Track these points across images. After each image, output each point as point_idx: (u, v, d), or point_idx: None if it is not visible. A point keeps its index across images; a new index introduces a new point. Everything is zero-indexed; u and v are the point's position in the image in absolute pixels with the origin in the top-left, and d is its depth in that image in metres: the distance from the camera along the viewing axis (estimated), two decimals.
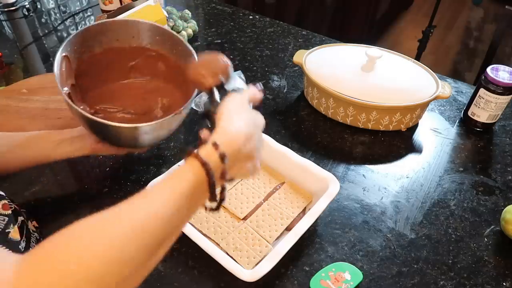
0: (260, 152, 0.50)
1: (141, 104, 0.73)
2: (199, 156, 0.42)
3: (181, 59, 0.71)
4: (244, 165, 0.47)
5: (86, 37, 0.68)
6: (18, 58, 1.12)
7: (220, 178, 0.43)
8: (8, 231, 0.57)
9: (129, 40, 0.72)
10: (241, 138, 0.45)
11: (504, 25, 1.86)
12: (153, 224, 0.38)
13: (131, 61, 0.74)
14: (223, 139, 0.44)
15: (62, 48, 0.63)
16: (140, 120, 0.70)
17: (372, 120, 0.88)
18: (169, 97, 0.74)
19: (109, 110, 0.72)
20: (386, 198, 0.77)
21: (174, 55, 0.73)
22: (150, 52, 0.74)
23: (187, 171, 0.42)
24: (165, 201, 0.39)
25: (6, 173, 0.70)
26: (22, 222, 0.62)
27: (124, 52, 0.73)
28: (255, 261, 0.63)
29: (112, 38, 0.71)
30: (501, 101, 0.86)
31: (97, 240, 0.35)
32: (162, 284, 0.63)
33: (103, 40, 0.70)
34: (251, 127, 0.47)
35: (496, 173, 0.82)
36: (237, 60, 1.11)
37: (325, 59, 0.95)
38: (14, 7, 1.29)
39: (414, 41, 2.25)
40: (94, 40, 0.69)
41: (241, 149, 0.45)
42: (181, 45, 0.71)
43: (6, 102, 0.91)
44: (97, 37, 0.70)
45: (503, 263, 0.67)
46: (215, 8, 1.35)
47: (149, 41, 0.73)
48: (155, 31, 0.72)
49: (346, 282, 0.62)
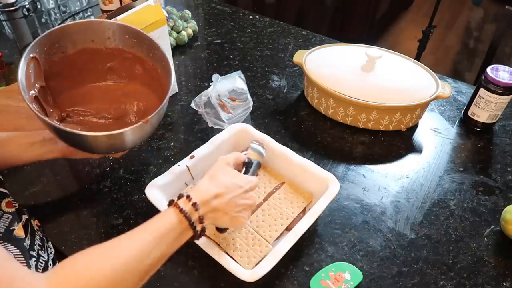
0: (241, 208, 0.59)
1: (116, 108, 0.71)
2: (177, 204, 0.54)
3: (157, 63, 0.69)
4: (220, 216, 0.57)
5: (57, 37, 0.65)
6: (18, 58, 1.12)
7: (198, 222, 0.54)
8: (13, 228, 0.57)
9: (105, 42, 0.69)
10: (210, 194, 0.56)
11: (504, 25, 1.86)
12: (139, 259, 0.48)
13: (107, 63, 0.72)
14: (195, 194, 0.55)
15: (29, 49, 0.60)
16: (114, 124, 0.68)
17: (372, 120, 0.88)
18: (145, 101, 0.71)
19: (82, 113, 0.69)
20: (386, 198, 0.77)
21: (151, 58, 0.70)
22: (127, 54, 0.71)
23: (169, 215, 0.53)
24: (150, 239, 0.49)
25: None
26: (26, 220, 0.62)
27: (100, 53, 0.70)
28: (255, 261, 0.63)
29: (86, 39, 0.68)
30: (501, 101, 0.86)
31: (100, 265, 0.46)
32: (162, 284, 0.63)
33: (77, 40, 0.68)
34: (222, 188, 0.57)
35: (496, 173, 0.82)
36: (237, 60, 1.11)
37: (325, 59, 0.95)
38: (14, 7, 1.29)
39: (414, 41, 2.25)
40: (66, 40, 0.67)
41: (210, 202, 0.55)
42: (157, 50, 0.69)
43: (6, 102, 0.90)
44: (69, 37, 0.67)
45: (503, 263, 0.67)
46: (215, 8, 1.35)
47: (125, 43, 0.70)
48: (130, 33, 0.69)
49: (346, 282, 0.62)
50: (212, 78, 0.90)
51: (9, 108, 0.90)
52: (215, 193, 0.56)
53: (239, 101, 0.89)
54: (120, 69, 0.73)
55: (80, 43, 0.68)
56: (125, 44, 0.70)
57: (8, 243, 0.56)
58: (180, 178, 0.71)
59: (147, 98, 0.72)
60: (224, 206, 0.57)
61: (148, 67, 0.71)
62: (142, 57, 0.71)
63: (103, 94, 0.73)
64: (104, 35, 0.69)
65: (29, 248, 0.59)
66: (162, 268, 0.64)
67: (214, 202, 0.56)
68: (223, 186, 0.57)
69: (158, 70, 0.70)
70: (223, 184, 0.58)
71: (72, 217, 0.73)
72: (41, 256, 0.61)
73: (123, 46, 0.70)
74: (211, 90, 0.88)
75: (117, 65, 0.72)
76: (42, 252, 0.62)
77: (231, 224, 0.59)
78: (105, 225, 0.71)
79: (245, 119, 0.90)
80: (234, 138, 0.79)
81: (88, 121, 0.69)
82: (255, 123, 0.92)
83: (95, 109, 0.70)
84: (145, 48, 0.70)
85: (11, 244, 0.56)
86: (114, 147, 0.64)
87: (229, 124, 0.82)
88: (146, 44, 0.70)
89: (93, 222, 0.72)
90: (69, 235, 0.69)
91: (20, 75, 0.59)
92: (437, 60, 2.56)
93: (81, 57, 0.69)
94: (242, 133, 0.79)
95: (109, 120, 0.70)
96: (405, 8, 3.03)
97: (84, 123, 0.69)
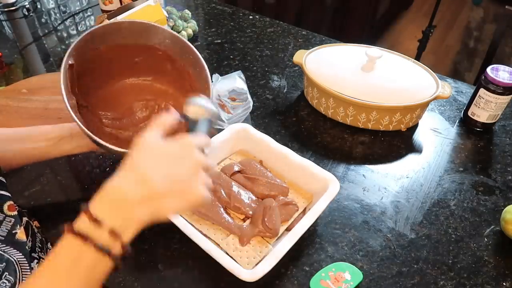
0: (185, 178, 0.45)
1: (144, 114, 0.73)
2: (70, 228, 0.41)
3: (189, 66, 0.70)
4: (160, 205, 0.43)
5: (93, 36, 0.65)
6: (18, 58, 1.12)
7: (110, 235, 0.41)
8: (15, 232, 0.57)
9: (136, 39, 0.69)
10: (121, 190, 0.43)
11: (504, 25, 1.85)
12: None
13: (135, 58, 0.72)
14: (96, 202, 0.42)
15: (68, 54, 0.59)
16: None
17: (372, 120, 0.88)
18: (173, 101, 0.72)
19: (116, 123, 0.71)
20: (386, 198, 0.77)
21: (182, 59, 0.71)
22: (157, 51, 0.71)
23: (62, 248, 0.41)
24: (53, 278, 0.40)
25: (3, 169, 0.70)
26: (27, 222, 0.62)
27: (129, 48, 0.70)
28: (255, 261, 0.62)
29: (118, 37, 0.68)
30: (501, 101, 0.86)
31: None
32: (162, 284, 0.63)
33: (108, 39, 0.68)
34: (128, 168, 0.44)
35: (496, 173, 0.82)
36: (237, 60, 1.11)
37: (325, 59, 0.95)
38: (14, 7, 1.28)
39: (414, 41, 2.25)
40: (100, 39, 0.67)
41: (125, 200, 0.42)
42: (192, 55, 0.69)
43: (6, 102, 0.91)
44: (103, 37, 0.67)
45: (503, 263, 0.67)
46: (215, 8, 1.35)
47: (157, 41, 0.70)
48: (171, 39, 0.70)
49: (346, 282, 0.62)
50: (212, 78, 0.90)
51: (9, 108, 0.90)
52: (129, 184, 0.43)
53: (239, 101, 0.89)
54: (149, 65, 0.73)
55: (112, 40, 0.67)
56: (157, 42, 0.70)
57: (11, 247, 0.55)
58: None
59: (176, 99, 0.73)
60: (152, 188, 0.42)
61: (177, 66, 0.72)
62: (173, 55, 0.71)
63: (132, 95, 0.73)
64: (137, 34, 0.69)
65: (31, 250, 0.58)
66: (162, 268, 0.65)
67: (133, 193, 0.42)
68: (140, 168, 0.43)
69: (190, 72, 0.70)
70: (139, 165, 0.44)
71: (72, 217, 0.72)
72: (42, 258, 0.60)
73: (155, 44, 0.70)
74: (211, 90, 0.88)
75: (146, 60, 0.72)
76: (42, 253, 0.61)
77: (186, 205, 0.45)
78: None
79: (245, 119, 0.90)
80: (234, 138, 0.79)
81: (123, 135, 0.71)
82: (255, 123, 0.92)
83: (126, 115, 0.72)
84: (178, 49, 0.70)
85: (13, 248, 0.55)
86: None
87: (229, 124, 0.82)
88: (179, 46, 0.70)
89: None
90: None
91: (63, 84, 0.58)
92: (437, 60, 2.56)
93: (111, 52, 0.68)
94: (242, 133, 0.79)
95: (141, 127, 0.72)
96: (405, 8, 3.03)
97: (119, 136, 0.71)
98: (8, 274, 0.52)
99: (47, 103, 0.90)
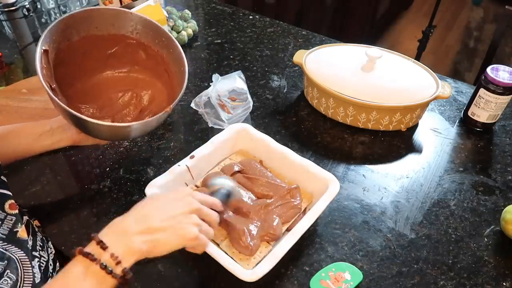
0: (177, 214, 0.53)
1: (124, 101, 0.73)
2: (81, 250, 0.47)
3: (163, 49, 0.70)
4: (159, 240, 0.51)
5: (66, 25, 0.65)
6: (18, 58, 1.12)
7: (112, 258, 0.47)
8: (17, 230, 0.57)
9: (108, 28, 0.69)
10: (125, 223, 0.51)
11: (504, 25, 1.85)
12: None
13: (108, 50, 0.71)
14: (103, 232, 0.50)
15: (41, 40, 0.59)
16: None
17: (372, 120, 0.88)
18: (151, 89, 0.72)
19: (97, 114, 0.70)
20: (386, 198, 0.77)
21: (156, 45, 0.70)
22: (129, 40, 0.71)
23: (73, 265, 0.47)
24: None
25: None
26: (28, 221, 0.62)
27: (102, 39, 0.69)
28: (255, 261, 0.62)
29: (91, 26, 0.68)
30: (501, 101, 0.86)
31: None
32: (162, 284, 0.63)
33: (81, 28, 0.67)
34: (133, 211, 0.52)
35: (496, 173, 0.82)
36: (237, 60, 1.12)
37: (325, 59, 0.95)
38: (14, 7, 1.28)
39: (414, 41, 2.25)
40: (73, 28, 0.66)
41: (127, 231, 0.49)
42: (164, 36, 0.68)
43: (6, 102, 0.91)
44: (76, 26, 0.66)
45: (503, 263, 0.67)
46: (215, 8, 1.35)
47: (130, 29, 0.70)
48: (142, 24, 0.70)
49: (346, 282, 0.62)
50: (212, 78, 0.90)
51: (9, 108, 0.90)
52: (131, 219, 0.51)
53: (239, 101, 0.89)
54: (123, 55, 0.73)
55: (84, 30, 0.67)
56: (129, 30, 0.70)
57: (12, 245, 0.55)
58: (180, 178, 0.71)
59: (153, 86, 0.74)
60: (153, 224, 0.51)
61: (152, 52, 0.71)
62: (146, 43, 0.71)
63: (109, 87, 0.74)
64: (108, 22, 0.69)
65: (32, 248, 0.59)
66: (163, 268, 0.65)
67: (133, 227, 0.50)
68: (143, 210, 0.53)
69: (164, 55, 0.70)
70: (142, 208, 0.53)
71: (72, 217, 0.73)
72: (42, 257, 0.61)
73: (126, 32, 0.70)
74: (211, 90, 0.88)
75: (120, 51, 0.72)
76: (43, 252, 0.62)
77: (178, 239, 0.52)
78: (105, 225, 0.71)
79: (245, 119, 0.90)
80: (234, 138, 0.79)
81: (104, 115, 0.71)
82: (255, 123, 0.92)
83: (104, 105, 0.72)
84: (150, 35, 0.70)
85: (15, 246, 0.56)
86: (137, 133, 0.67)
87: (229, 124, 0.82)
88: (151, 31, 0.70)
89: (93, 222, 0.72)
90: (69, 235, 0.69)
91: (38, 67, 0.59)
92: (437, 60, 2.55)
93: (84, 44, 0.68)
94: (242, 133, 0.79)
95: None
96: (405, 8, 3.03)
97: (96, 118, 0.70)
98: (10, 272, 0.53)
99: (47, 103, 0.90)
